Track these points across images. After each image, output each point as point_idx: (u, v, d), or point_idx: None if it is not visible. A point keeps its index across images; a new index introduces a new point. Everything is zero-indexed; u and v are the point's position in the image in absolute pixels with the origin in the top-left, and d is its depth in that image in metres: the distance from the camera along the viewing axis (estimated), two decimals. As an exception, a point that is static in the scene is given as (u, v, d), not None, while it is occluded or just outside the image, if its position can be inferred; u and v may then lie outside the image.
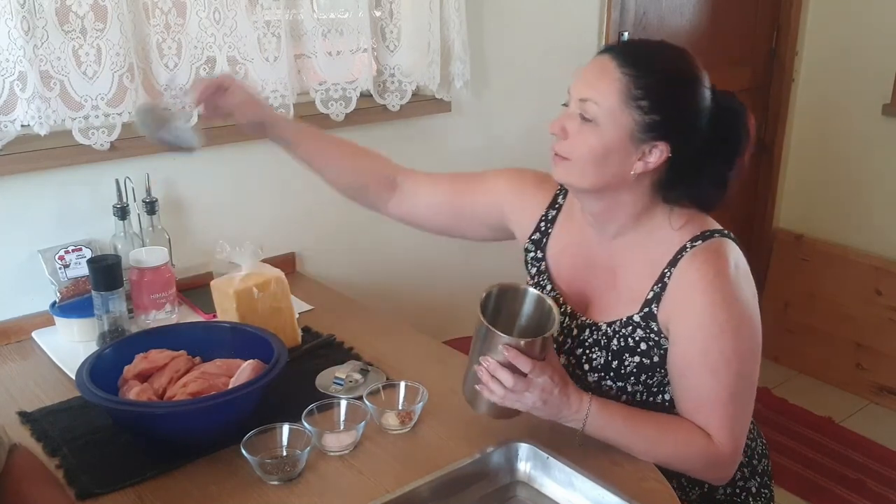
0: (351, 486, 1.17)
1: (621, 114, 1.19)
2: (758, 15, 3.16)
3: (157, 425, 1.20)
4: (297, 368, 1.45)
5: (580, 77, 1.25)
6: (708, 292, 1.21)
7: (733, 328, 1.21)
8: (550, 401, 1.16)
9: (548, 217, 1.43)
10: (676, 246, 1.25)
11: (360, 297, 1.96)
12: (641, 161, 1.21)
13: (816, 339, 3.22)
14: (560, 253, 1.40)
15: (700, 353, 1.21)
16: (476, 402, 1.21)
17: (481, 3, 2.24)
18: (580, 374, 1.34)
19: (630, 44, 1.31)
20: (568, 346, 1.36)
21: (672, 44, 1.26)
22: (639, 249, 1.30)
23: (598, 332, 1.32)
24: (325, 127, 2.00)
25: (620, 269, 1.32)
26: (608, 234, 1.33)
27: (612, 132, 1.20)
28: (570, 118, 1.23)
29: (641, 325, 1.27)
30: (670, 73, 1.21)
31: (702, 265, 1.22)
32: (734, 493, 1.40)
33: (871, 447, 2.79)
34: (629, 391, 1.31)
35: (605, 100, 1.19)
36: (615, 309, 1.31)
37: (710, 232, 1.26)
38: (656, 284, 1.26)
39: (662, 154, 1.21)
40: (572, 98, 1.24)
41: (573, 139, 1.23)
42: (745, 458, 1.39)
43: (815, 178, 3.31)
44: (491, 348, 1.15)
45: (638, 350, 1.28)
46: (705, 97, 1.22)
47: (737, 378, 1.22)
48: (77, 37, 1.59)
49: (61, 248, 1.65)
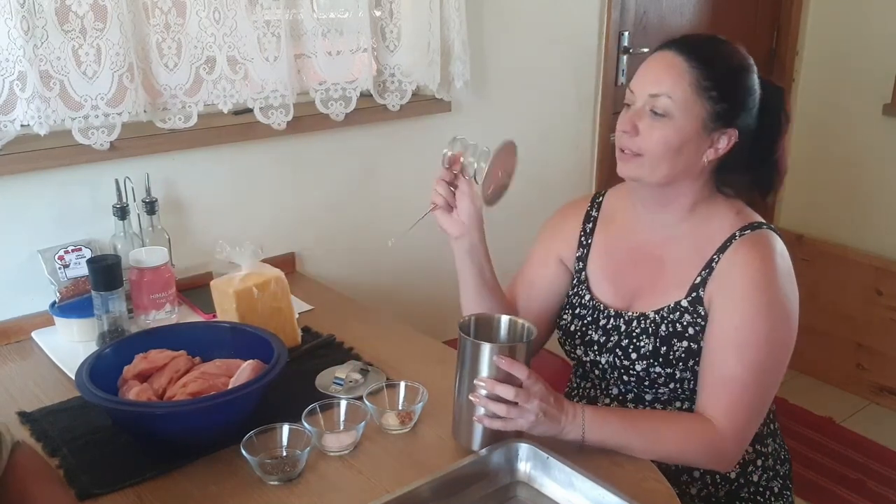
0: (351, 486, 1.17)
1: (693, 105, 1.25)
2: (758, 15, 3.15)
3: (156, 425, 1.20)
4: (297, 368, 1.45)
5: (645, 74, 1.29)
6: (751, 275, 1.26)
7: (770, 313, 1.25)
8: (549, 411, 1.16)
9: (585, 231, 1.47)
10: (726, 234, 1.31)
11: (360, 297, 1.96)
12: (712, 148, 1.28)
13: (816, 339, 3.21)
14: (603, 257, 1.44)
15: (733, 329, 1.25)
16: (472, 437, 1.19)
17: (481, 3, 2.24)
18: (627, 364, 1.35)
19: (689, 39, 1.33)
20: (613, 342, 1.37)
21: (722, 37, 1.33)
22: (689, 240, 1.34)
23: (645, 320, 1.34)
24: (325, 127, 2.01)
25: (668, 260, 1.35)
26: (660, 226, 1.37)
27: (687, 123, 1.25)
28: (639, 115, 1.27)
29: (689, 310, 1.31)
30: (733, 63, 1.29)
31: (749, 250, 1.28)
32: (758, 493, 1.41)
33: (872, 447, 2.79)
34: (677, 378, 1.32)
35: (677, 93, 1.25)
36: (663, 297, 1.34)
37: (758, 223, 1.32)
38: (704, 270, 1.31)
39: (731, 140, 1.28)
40: (638, 95, 1.28)
41: (645, 135, 1.27)
42: (770, 462, 1.43)
43: (815, 179, 3.31)
44: (479, 366, 1.15)
45: (686, 335, 1.31)
46: (757, 82, 1.30)
47: (760, 364, 1.24)
48: (77, 36, 1.58)
49: (61, 248, 1.65)
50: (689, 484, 1.38)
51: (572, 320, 1.44)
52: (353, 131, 2.09)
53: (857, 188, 3.18)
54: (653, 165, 1.27)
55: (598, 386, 1.45)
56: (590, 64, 2.58)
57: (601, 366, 1.40)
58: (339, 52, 1.97)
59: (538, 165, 2.49)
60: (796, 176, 3.38)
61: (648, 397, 1.38)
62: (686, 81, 1.25)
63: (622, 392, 1.40)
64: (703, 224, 1.34)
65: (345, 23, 1.96)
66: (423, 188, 1.55)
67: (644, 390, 1.37)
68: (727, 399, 1.23)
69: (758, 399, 1.26)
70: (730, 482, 1.39)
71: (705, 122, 1.26)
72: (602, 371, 1.41)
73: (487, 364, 1.15)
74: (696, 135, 1.26)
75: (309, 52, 1.93)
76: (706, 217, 1.34)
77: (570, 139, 2.55)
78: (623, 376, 1.37)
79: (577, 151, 2.57)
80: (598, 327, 1.40)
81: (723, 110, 1.26)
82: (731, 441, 1.24)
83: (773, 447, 1.45)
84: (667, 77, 1.26)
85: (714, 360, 1.26)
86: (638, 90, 1.29)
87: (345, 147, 2.09)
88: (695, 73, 1.25)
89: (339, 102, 1.99)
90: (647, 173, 1.28)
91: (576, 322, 1.44)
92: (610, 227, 1.45)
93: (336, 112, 1.99)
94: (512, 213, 1.76)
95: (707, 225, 1.33)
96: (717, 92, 1.25)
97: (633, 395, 1.39)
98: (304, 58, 1.93)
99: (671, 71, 1.26)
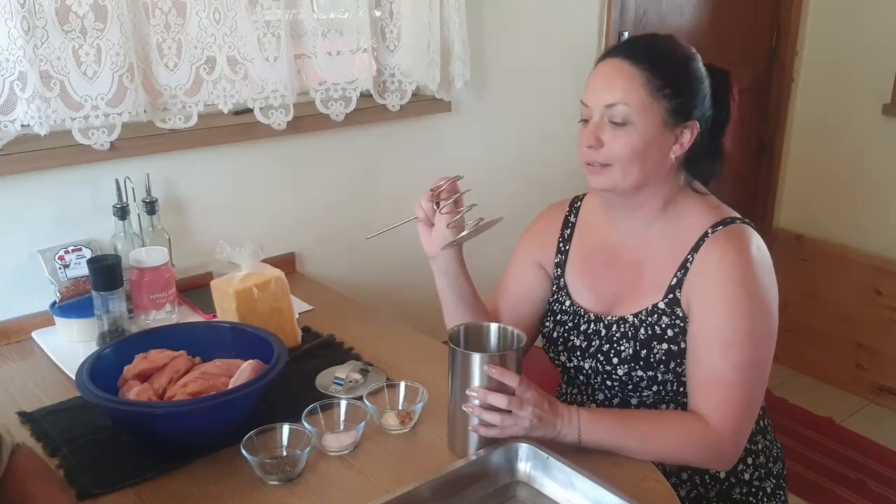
0: (351, 486, 1.17)
1: (650, 106, 1.25)
2: (758, 15, 3.15)
3: (156, 425, 1.20)
4: (297, 368, 1.45)
5: (595, 86, 1.29)
6: (728, 271, 1.25)
7: (750, 309, 1.24)
8: (544, 416, 1.16)
9: (564, 237, 1.46)
10: (699, 232, 1.30)
11: (360, 297, 1.96)
12: (677, 144, 1.28)
13: (816, 339, 3.21)
14: (582, 262, 1.43)
15: (715, 329, 1.24)
16: (467, 446, 1.19)
17: (481, 3, 2.24)
18: (609, 369, 1.35)
19: (629, 43, 1.35)
20: (595, 347, 1.37)
21: (660, 34, 1.35)
22: (664, 239, 1.34)
23: (625, 324, 1.34)
24: (325, 127, 2.01)
25: (646, 261, 1.35)
26: (634, 229, 1.36)
27: (648, 125, 1.25)
28: (599, 128, 1.27)
29: (667, 312, 1.30)
30: (678, 56, 1.29)
31: (724, 245, 1.27)
32: (750, 493, 1.41)
33: (872, 447, 2.79)
34: (660, 380, 1.32)
35: (632, 98, 1.24)
36: (641, 300, 1.33)
37: (731, 219, 1.31)
38: (679, 270, 1.30)
39: (693, 131, 1.28)
40: (593, 109, 1.28)
41: (610, 145, 1.26)
42: (762, 460, 1.42)
43: (815, 178, 3.31)
44: (471, 376, 1.15)
45: (665, 337, 1.30)
46: (703, 69, 1.31)
47: (747, 361, 1.23)
48: (77, 37, 1.59)
49: (61, 248, 1.65)
50: (679, 486, 1.38)
51: (554, 327, 1.44)
52: (353, 131, 2.09)
53: (857, 188, 3.18)
54: (624, 172, 1.27)
55: (585, 392, 1.44)
56: (590, 64, 2.56)
57: (585, 371, 1.39)
58: (339, 52, 1.97)
59: (538, 165, 2.49)
60: (796, 176, 3.39)
61: (634, 401, 1.37)
62: (639, 84, 1.24)
63: (608, 397, 1.40)
64: (675, 223, 1.33)
65: (345, 23, 1.96)
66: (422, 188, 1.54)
67: (629, 394, 1.36)
68: (718, 398, 1.23)
69: (749, 395, 1.25)
70: (720, 482, 1.38)
71: (665, 120, 1.26)
72: (586, 376, 1.40)
73: (478, 374, 1.15)
74: (660, 134, 1.26)
75: (309, 52, 1.93)
76: (678, 216, 1.33)
77: (570, 139, 2.52)
78: (606, 381, 1.37)
79: (577, 151, 2.56)
80: (580, 332, 1.40)
81: (679, 105, 1.26)
82: (728, 439, 1.23)
83: (764, 444, 1.44)
84: (618, 84, 1.25)
85: (700, 360, 1.26)
86: (592, 102, 1.28)
87: (345, 147, 2.10)
88: (645, 75, 1.24)
89: (339, 102, 1.99)
90: (619, 181, 1.27)
91: (557, 328, 1.43)
92: (587, 233, 1.44)
93: (336, 112, 1.99)
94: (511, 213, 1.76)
95: (679, 224, 1.33)
96: (670, 89, 1.25)
97: (619, 400, 1.39)
98: (304, 58, 1.93)
99: (621, 77, 1.25)
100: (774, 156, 3.37)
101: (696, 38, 2.90)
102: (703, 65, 1.31)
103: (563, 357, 1.43)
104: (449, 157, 2.29)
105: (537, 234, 1.51)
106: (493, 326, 1.25)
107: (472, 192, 1.32)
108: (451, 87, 2.19)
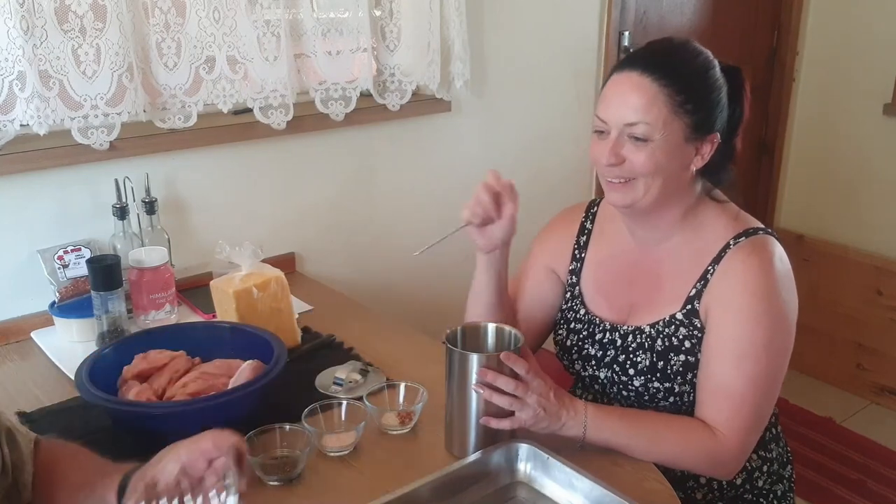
0: (351, 486, 1.16)
1: (672, 122, 1.21)
2: (758, 15, 3.15)
3: (156, 425, 1.20)
4: (297, 368, 1.45)
5: (613, 102, 1.24)
6: (749, 282, 1.23)
7: (769, 322, 1.22)
8: (549, 407, 1.16)
9: (580, 244, 1.45)
10: (721, 243, 1.28)
11: (360, 297, 1.96)
12: (699, 156, 1.26)
13: (816, 339, 3.21)
14: (597, 270, 1.41)
15: (731, 339, 1.22)
16: (465, 447, 1.19)
17: (481, 3, 2.24)
18: (626, 379, 1.33)
19: (648, 53, 1.29)
20: (610, 356, 1.36)
21: (678, 38, 1.31)
22: (683, 250, 1.31)
23: (641, 335, 1.32)
24: (325, 127, 2.01)
25: (664, 271, 1.33)
26: (653, 239, 1.34)
27: (671, 141, 1.22)
28: (619, 144, 1.23)
29: (685, 323, 1.28)
30: (698, 67, 1.25)
31: (746, 257, 1.25)
32: (761, 495, 1.41)
33: (872, 447, 2.79)
34: (676, 391, 1.31)
35: (653, 117, 1.20)
36: (658, 310, 1.31)
37: (753, 229, 1.28)
38: (699, 281, 1.28)
39: (714, 143, 1.26)
40: (611, 125, 1.24)
41: (631, 161, 1.23)
42: (775, 467, 1.42)
43: (815, 178, 3.31)
44: (468, 377, 1.15)
45: (682, 348, 1.29)
46: (720, 74, 1.27)
47: (760, 374, 1.22)
48: (76, 36, 1.58)
49: (60, 248, 1.65)
50: (695, 489, 1.37)
51: (568, 335, 1.43)
52: (353, 131, 2.09)
53: (857, 188, 3.18)
54: (645, 188, 1.24)
55: (601, 400, 1.42)
56: (590, 64, 2.58)
57: (601, 381, 1.38)
58: (339, 52, 1.96)
59: (538, 165, 2.48)
60: (797, 176, 3.39)
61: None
62: (660, 102, 1.20)
63: (623, 407, 1.39)
64: (695, 234, 1.31)
65: (345, 22, 1.96)
66: (422, 188, 1.56)
67: (645, 405, 1.35)
68: (728, 410, 1.22)
69: (759, 409, 1.24)
70: (735, 488, 1.38)
71: (687, 136, 1.23)
72: (602, 386, 1.39)
73: (475, 374, 1.14)
74: (681, 149, 1.23)
75: (309, 51, 1.93)
76: (698, 225, 1.31)
77: (570, 139, 2.55)
78: (622, 391, 1.35)
79: (577, 151, 2.56)
80: (595, 341, 1.38)
81: (700, 119, 1.23)
82: (732, 451, 1.22)
83: (778, 451, 1.44)
84: (639, 103, 1.21)
85: (713, 370, 1.24)
86: (610, 119, 1.24)
87: (345, 147, 2.09)
88: (666, 91, 1.20)
89: (339, 102, 1.99)
90: (641, 196, 1.25)
91: (571, 337, 1.42)
92: (604, 240, 1.42)
93: (336, 112, 1.99)
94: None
95: (700, 234, 1.30)
96: (692, 104, 1.22)
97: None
98: (303, 57, 1.93)
99: (642, 95, 1.21)
100: (775, 156, 3.36)
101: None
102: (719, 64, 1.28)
103: (578, 366, 1.41)
104: (449, 157, 2.29)
105: (552, 241, 1.48)
106: (491, 326, 1.25)
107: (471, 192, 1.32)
108: (451, 87, 2.19)
